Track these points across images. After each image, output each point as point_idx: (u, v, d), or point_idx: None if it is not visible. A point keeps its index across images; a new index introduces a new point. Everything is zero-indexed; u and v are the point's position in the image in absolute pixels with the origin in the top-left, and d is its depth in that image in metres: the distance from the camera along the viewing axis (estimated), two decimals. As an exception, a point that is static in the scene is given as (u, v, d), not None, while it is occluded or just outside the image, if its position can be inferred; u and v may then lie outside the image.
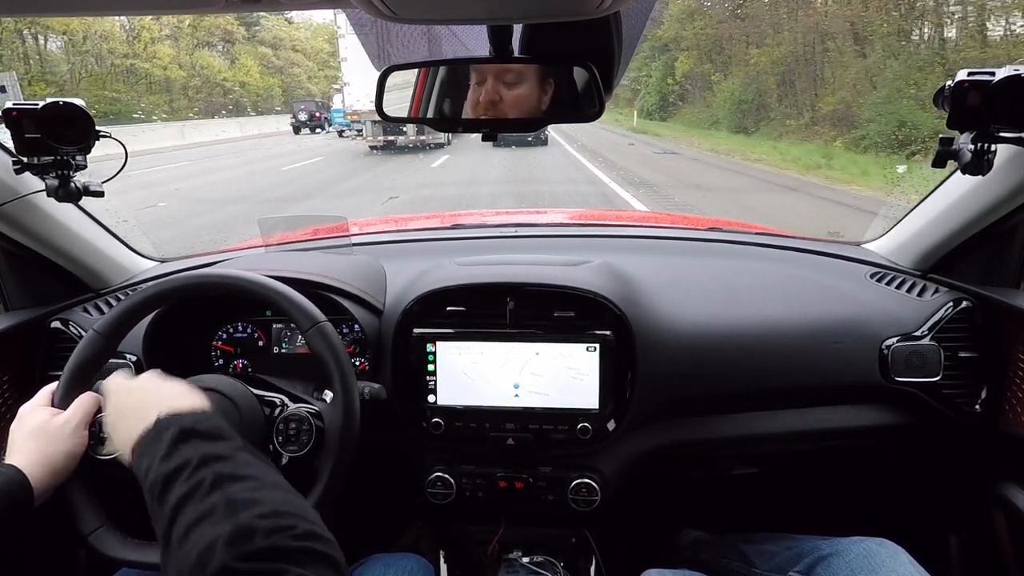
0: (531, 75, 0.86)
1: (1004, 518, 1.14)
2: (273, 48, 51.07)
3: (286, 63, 52.41)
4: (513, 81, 0.86)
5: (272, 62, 50.40)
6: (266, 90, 48.76)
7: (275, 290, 0.89)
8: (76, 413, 0.83)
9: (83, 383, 0.87)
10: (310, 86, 52.83)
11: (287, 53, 52.74)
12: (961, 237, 1.15)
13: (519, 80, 0.86)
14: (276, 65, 50.94)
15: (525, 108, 0.87)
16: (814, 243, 1.43)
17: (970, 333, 1.14)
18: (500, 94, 0.86)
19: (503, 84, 0.86)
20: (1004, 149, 0.97)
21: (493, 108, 0.87)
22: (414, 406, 1.14)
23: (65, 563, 1.24)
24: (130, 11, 0.64)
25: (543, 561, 1.33)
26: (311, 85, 53.04)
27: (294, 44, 54.33)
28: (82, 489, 0.84)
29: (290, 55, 53.10)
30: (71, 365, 0.88)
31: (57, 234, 1.19)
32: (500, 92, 0.86)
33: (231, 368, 1.23)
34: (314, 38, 57.72)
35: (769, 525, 1.24)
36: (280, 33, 52.54)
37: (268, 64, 50.01)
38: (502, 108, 0.87)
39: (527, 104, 0.87)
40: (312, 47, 56.83)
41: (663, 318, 1.15)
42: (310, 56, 56.35)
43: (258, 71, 47.98)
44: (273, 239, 1.47)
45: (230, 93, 44.55)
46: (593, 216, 2.12)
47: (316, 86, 52.69)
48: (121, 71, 35.64)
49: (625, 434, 1.12)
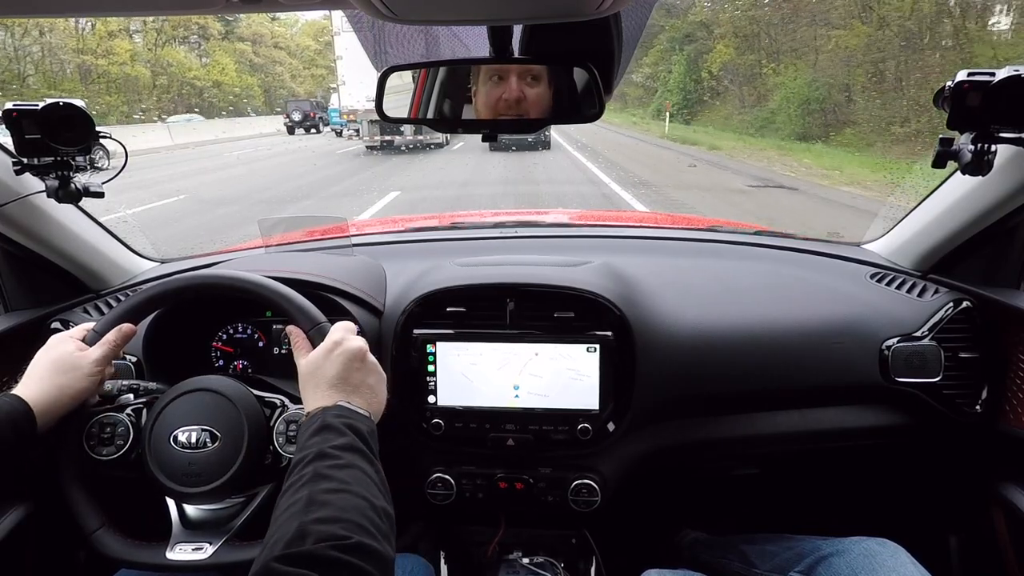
0: (545, 75, 0.86)
1: (1004, 518, 1.14)
2: (253, 44, 47.78)
3: (267, 61, 49.08)
4: (534, 80, 0.86)
5: (251, 59, 46.86)
6: (244, 89, 45.06)
7: (275, 291, 0.89)
8: (97, 352, 0.85)
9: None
10: (294, 85, 50.03)
11: (268, 50, 49.22)
12: (961, 238, 1.15)
13: (539, 79, 0.86)
14: (256, 63, 47.61)
15: (544, 107, 0.87)
16: (814, 244, 1.43)
17: (970, 333, 1.14)
18: (524, 92, 0.86)
19: (526, 83, 0.86)
20: (1004, 149, 0.97)
21: (516, 106, 0.87)
22: (414, 407, 1.14)
23: (65, 563, 1.24)
24: (130, 11, 0.64)
25: (543, 562, 1.33)
26: (295, 84, 50.42)
27: (276, 41, 50.90)
28: (82, 489, 0.84)
29: (272, 52, 49.50)
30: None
31: (57, 235, 1.20)
32: (524, 90, 0.86)
33: (231, 369, 1.23)
34: (300, 35, 55.12)
35: (769, 525, 1.24)
36: (261, 29, 49.28)
37: (247, 62, 46.38)
38: (525, 107, 0.87)
39: (544, 103, 0.87)
40: (297, 44, 54.02)
41: (663, 319, 1.15)
42: (295, 54, 53.28)
43: (235, 69, 44.22)
44: (273, 240, 1.47)
45: (202, 93, 41.17)
46: (593, 217, 2.12)
47: (301, 86, 50.53)
48: (79, 69, 32.58)
49: (625, 435, 1.12)
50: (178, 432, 0.84)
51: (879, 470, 1.46)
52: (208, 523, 0.88)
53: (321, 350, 0.80)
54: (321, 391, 0.77)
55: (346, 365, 0.78)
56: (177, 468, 0.83)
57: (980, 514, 1.20)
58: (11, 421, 0.76)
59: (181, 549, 0.83)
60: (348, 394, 0.77)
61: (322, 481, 0.63)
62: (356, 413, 0.74)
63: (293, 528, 0.58)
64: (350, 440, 0.69)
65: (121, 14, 0.65)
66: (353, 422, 0.72)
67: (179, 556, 0.83)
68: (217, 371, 1.22)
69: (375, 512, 0.62)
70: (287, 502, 0.62)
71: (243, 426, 0.85)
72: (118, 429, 0.87)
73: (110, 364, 0.87)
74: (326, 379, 0.77)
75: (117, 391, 0.90)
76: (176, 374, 0.92)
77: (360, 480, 0.65)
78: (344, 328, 0.84)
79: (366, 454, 0.70)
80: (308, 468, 0.65)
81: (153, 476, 0.83)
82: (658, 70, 31.47)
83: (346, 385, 0.77)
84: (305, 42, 54.81)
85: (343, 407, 0.74)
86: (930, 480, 1.36)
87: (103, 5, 0.67)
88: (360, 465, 0.67)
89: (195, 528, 0.87)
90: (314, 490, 0.62)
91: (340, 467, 0.65)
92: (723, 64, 25.23)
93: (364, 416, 0.75)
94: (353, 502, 0.62)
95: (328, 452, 0.67)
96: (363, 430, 0.72)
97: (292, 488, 0.64)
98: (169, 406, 0.86)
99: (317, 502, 0.60)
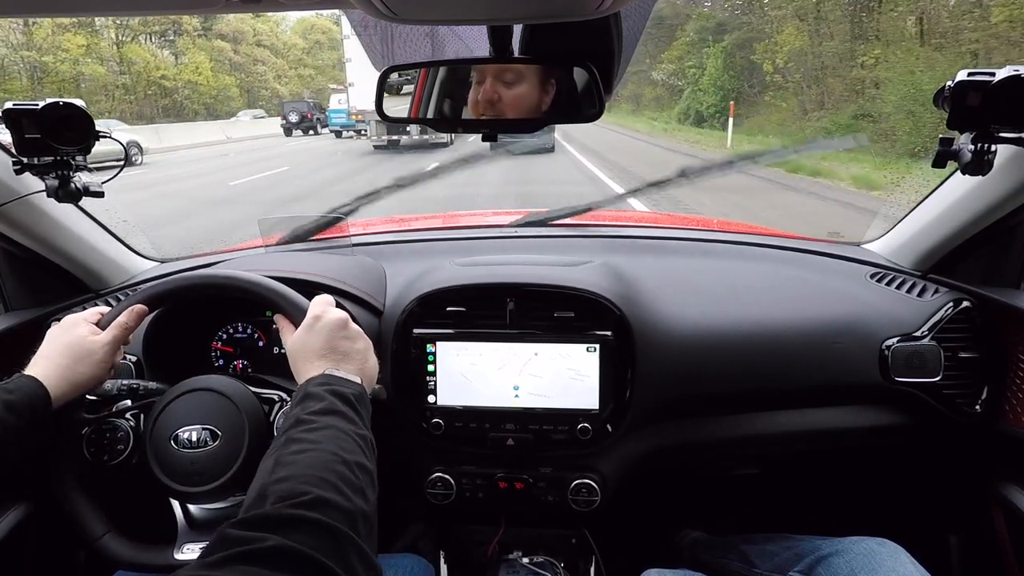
0: (531, 75, 0.86)
1: (1004, 518, 1.14)
2: (233, 43, 44.22)
3: (247, 60, 45.29)
4: (512, 80, 0.86)
5: (230, 58, 43.24)
6: (221, 91, 41.21)
7: (275, 290, 0.88)
8: (110, 335, 0.85)
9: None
10: (278, 86, 46.56)
11: (250, 48, 45.29)
12: (961, 237, 1.15)
13: (518, 79, 0.86)
14: (236, 62, 44.19)
15: (524, 108, 0.87)
16: (814, 243, 1.43)
17: (970, 333, 1.14)
18: (499, 93, 0.86)
19: (502, 84, 0.86)
20: (1004, 149, 0.97)
21: (492, 107, 0.86)
22: (414, 406, 1.14)
23: (65, 563, 1.24)
24: (130, 11, 0.64)
25: (543, 561, 1.33)
26: (279, 85, 46.66)
27: (259, 39, 46.77)
28: (84, 497, 0.84)
29: (254, 51, 45.46)
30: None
31: (57, 234, 1.20)
32: (499, 91, 0.86)
33: (231, 368, 1.23)
34: (288, 33, 51.32)
35: (769, 525, 1.24)
36: (243, 26, 45.37)
37: (226, 60, 42.81)
38: (501, 108, 0.86)
39: (526, 104, 0.86)
40: (284, 42, 50.06)
41: (663, 318, 1.15)
42: (280, 53, 49.16)
43: (210, 68, 40.29)
44: (273, 239, 1.47)
45: (173, 94, 37.76)
46: (593, 216, 2.12)
47: (286, 86, 46.86)
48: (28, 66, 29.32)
49: (625, 435, 1.12)
50: (179, 432, 0.84)
51: (879, 470, 1.46)
52: (213, 522, 0.88)
53: (303, 327, 0.80)
54: (310, 363, 0.76)
55: (330, 334, 0.78)
56: (179, 468, 0.83)
57: (980, 514, 1.20)
58: (30, 404, 0.75)
59: (189, 549, 0.84)
60: (337, 362, 0.77)
61: (291, 445, 0.63)
62: (342, 379, 0.74)
63: (255, 492, 0.57)
64: (328, 404, 0.69)
65: (121, 14, 0.65)
66: (336, 387, 0.72)
67: (187, 556, 0.83)
68: (217, 371, 1.21)
69: (345, 466, 0.61)
70: (258, 471, 0.62)
71: (244, 424, 0.85)
72: (118, 434, 0.87)
73: (120, 351, 0.87)
74: (314, 351, 0.77)
75: (117, 391, 0.90)
76: (176, 374, 0.92)
77: (333, 438, 0.64)
78: (323, 301, 0.84)
79: (345, 414, 0.69)
80: (282, 437, 0.65)
81: (155, 477, 0.83)
82: (684, 66, 26.44)
83: (334, 353, 0.77)
84: (292, 40, 51.88)
85: (328, 375, 0.74)
86: (930, 480, 1.36)
87: (103, 5, 0.67)
88: (336, 425, 0.67)
89: (201, 527, 0.88)
90: (281, 453, 0.62)
91: (312, 430, 0.65)
92: (791, 54, 19.12)
93: (351, 381, 0.74)
94: (320, 458, 0.61)
95: (304, 419, 0.66)
96: (346, 393, 0.71)
97: (264, 457, 0.64)
98: (169, 406, 0.86)
99: (282, 463, 0.60)
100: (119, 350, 0.87)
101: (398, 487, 1.37)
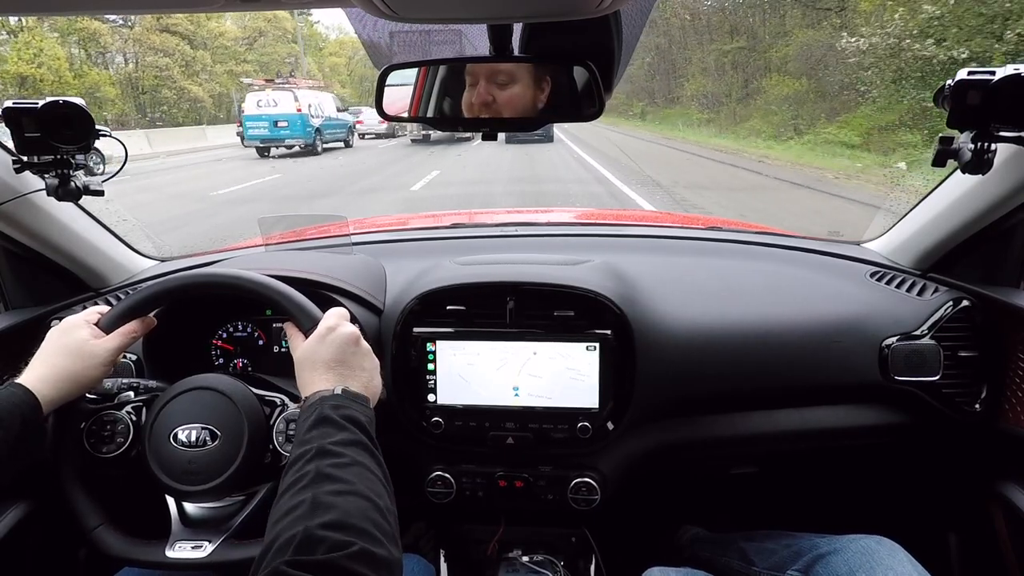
0: (524, 75, 0.86)
1: (1004, 518, 1.14)
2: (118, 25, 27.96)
3: (144, 50, 30.55)
4: (505, 81, 0.86)
5: (106, 46, 29.48)
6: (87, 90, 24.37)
7: (275, 289, 0.88)
8: (115, 341, 0.84)
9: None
10: (187, 84, 31.38)
11: (149, 35, 30.33)
12: (961, 236, 1.15)
13: (511, 80, 0.86)
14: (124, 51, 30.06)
15: (519, 108, 0.87)
16: (814, 242, 1.43)
17: (970, 332, 1.14)
18: (493, 95, 0.86)
19: (496, 85, 0.86)
20: (1004, 148, 0.96)
21: (487, 109, 0.87)
22: (414, 405, 1.14)
23: (66, 562, 1.24)
24: (130, 10, 0.64)
25: (543, 560, 1.33)
26: (190, 83, 31.57)
27: (167, 24, 30.66)
28: (82, 487, 0.84)
29: (156, 38, 30.61)
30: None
31: (57, 233, 1.19)
32: (492, 93, 0.86)
33: (231, 367, 1.23)
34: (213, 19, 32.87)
35: (769, 523, 1.24)
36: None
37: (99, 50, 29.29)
38: (496, 109, 0.87)
39: (521, 104, 0.87)
40: (209, 31, 33.87)
41: (663, 317, 1.15)
42: (201, 44, 33.28)
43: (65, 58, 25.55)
44: (273, 238, 1.47)
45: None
46: (593, 215, 2.12)
47: (201, 86, 32.17)
48: None
49: (625, 433, 1.13)
50: (178, 430, 0.84)
51: (878, 468, 1.46)
52: (208, 521, 0.88)
53: (315, 336, 0.80)
54: (318, 374, 0.77)
55: (341, 348, 0.79)
56: (177, 466, 0.83)
57: (979, 513, 1.20)
58: (19, 414, 0.75)
59: (180, 547, 0.83)
60: (345, 377, 0.77)
61: (326, 482, 0.63)
62: (353, 402, 0.74)
63: (300, 532, 0.57)
64: (351, 435, 0.69)
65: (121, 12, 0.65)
66: (351, 412, 0.72)
67: (179, 554, 0.83)
68: (217, 369, 1.22)
69: (379, 513, 0.62)
70: (290, 502, 0.62)
71: (243, 424, 0.85)
72: (118, 427, 0.87)
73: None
74: (323, 362, 0.78)
75: (117, 389, 0.90)
76: (176, 372, 0.92)
77: (364, 478, 0.65)
78: (337, 315, 0.84)
79: (368, 447, 0.69)
80: (310, 466, 0.65)
81: (153, 474, 0.83)
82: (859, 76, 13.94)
83: (343, 367, 0.78)
84: (222, 28, 35.54)
85: (340, 396, 0.74)
86: (929, 478, 1.37)
87: (103, 4, 0.67)
88: (363, 461, 0.67)
89: (195, 526, 0.87)
90: (318, 492, 0.62)
91: (343, 465, 0.65)
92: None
93: (362, 401, 0.75)
94: (358, 505, 0.62)
95: (330, 449, 0.67)
96: (362, 420, 0.72)
97: (295, 488, 0.63)
98: (169, 404, 0.86)
99: (323, 505, 0.60)
100: (120, 355, 0.87)
101: (398, 486, 1.38)
